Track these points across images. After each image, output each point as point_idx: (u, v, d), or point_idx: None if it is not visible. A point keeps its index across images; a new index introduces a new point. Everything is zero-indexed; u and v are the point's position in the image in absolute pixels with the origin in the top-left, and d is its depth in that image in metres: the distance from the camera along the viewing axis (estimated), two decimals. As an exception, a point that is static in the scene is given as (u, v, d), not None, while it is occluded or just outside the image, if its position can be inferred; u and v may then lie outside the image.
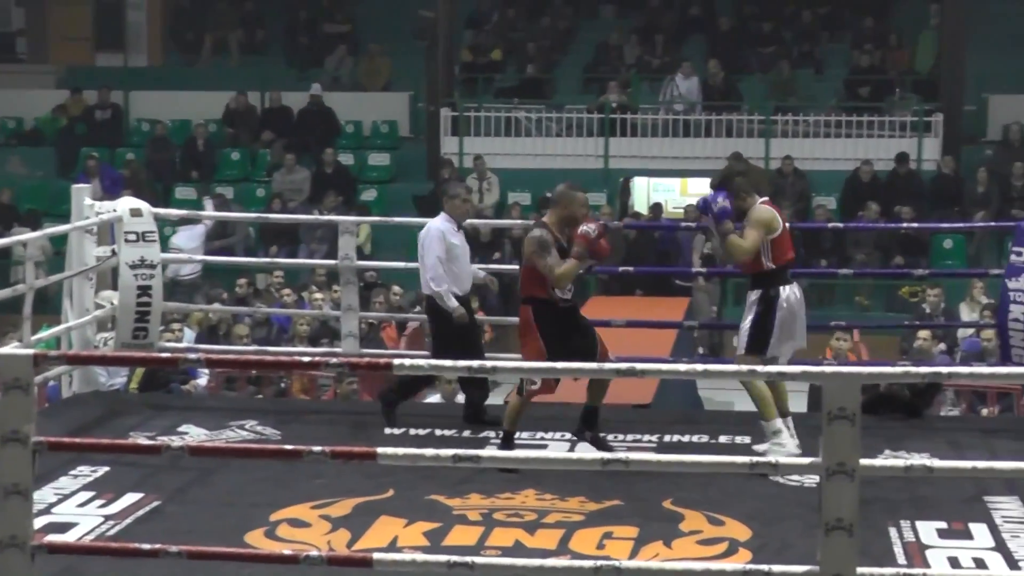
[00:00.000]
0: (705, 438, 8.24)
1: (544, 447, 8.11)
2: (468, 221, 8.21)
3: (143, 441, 7.76)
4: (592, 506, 6.95)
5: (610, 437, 8.17)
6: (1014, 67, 19.81)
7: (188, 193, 19.18)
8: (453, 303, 8.36)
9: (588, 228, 7.46)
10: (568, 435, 8.25)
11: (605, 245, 7.66)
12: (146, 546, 5.13)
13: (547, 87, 20.83)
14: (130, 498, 6.95)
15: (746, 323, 7.55)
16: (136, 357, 8.15)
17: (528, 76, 20.87)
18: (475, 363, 4.52)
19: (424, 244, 8.50)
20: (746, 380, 7.20)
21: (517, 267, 8.04)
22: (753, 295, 7.60)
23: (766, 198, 7.76)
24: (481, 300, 14.48)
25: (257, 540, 6.46)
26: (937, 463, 5.03)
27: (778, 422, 7.42)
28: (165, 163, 19.78)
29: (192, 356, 5.91)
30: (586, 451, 7.65)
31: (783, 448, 7.35)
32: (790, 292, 7.58)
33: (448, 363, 5.07)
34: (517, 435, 7.79)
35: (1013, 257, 8.80)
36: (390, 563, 4.81)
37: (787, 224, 7.80)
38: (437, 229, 8.49)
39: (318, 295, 14.04)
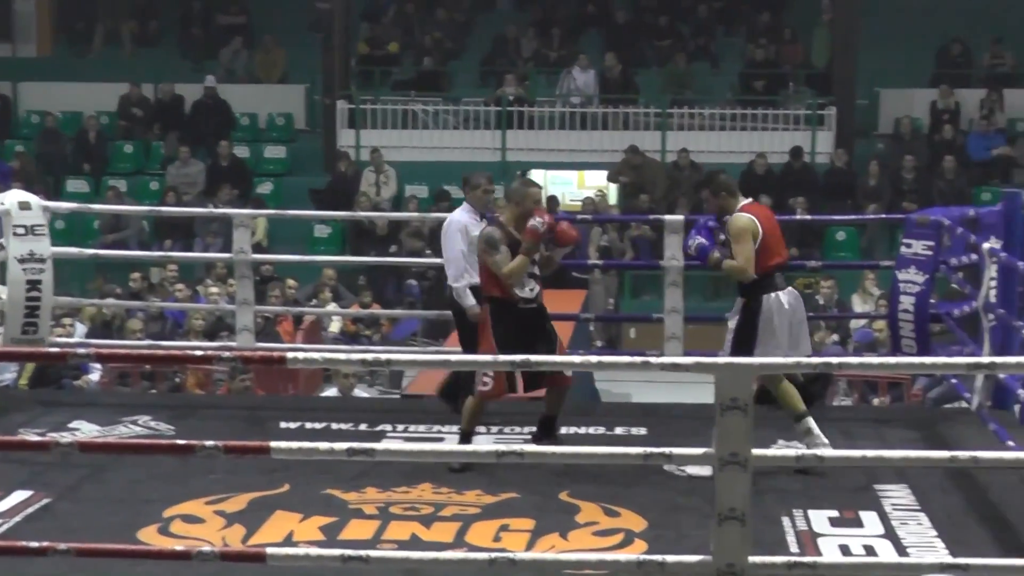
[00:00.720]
0: (602, 430, 8.27)
1: (440, 440, 8.11)
2: (365, 215, 8.21)
3: (32, 438, 7.64)
4: (488, 499, 6.96)
5: (506, 430, 8.20)
6: (905, 62, 20.11)
7: (80, 186, 18.90)
8: (470, 301, 7.96)
9: (536, 222, 7.30)
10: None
11: (569, 231, 7.55)
12: (34, 544, 5.05)
13: (444, 80, 20.80)
14: (19, 496, 6.85)
15: (729, 332, 7.41)
16: (25, 353, 8.03)
17: (425, 69, 20.83)
18: (369, 356, 4.49)
19: (445, 238, 8.14)
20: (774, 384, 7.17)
21: (417, 259, 7.99)
22: (738, 303, 7.43)
23: (749, 200, 7.47)
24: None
25: (150, 537, 6.39)
26: (828, 452, 5.10)
27: (806, 423, 7.19)
28: (56, 155, 19.47)
29: (82, 351, 5.81)
30: (483, 443, 7.65)
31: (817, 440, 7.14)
32: (775, 300, 7.33)
33: (343, 356, 5.04)
34: (415, 428, 7.77)
35: (903, 249, 8.94)
36: (284, 557, 4.78)
37: (774, 224, 7.50)
38: (458, 222, 8.10)
39: (213, 289, 13.91)
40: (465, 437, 7.48)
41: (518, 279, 7.37)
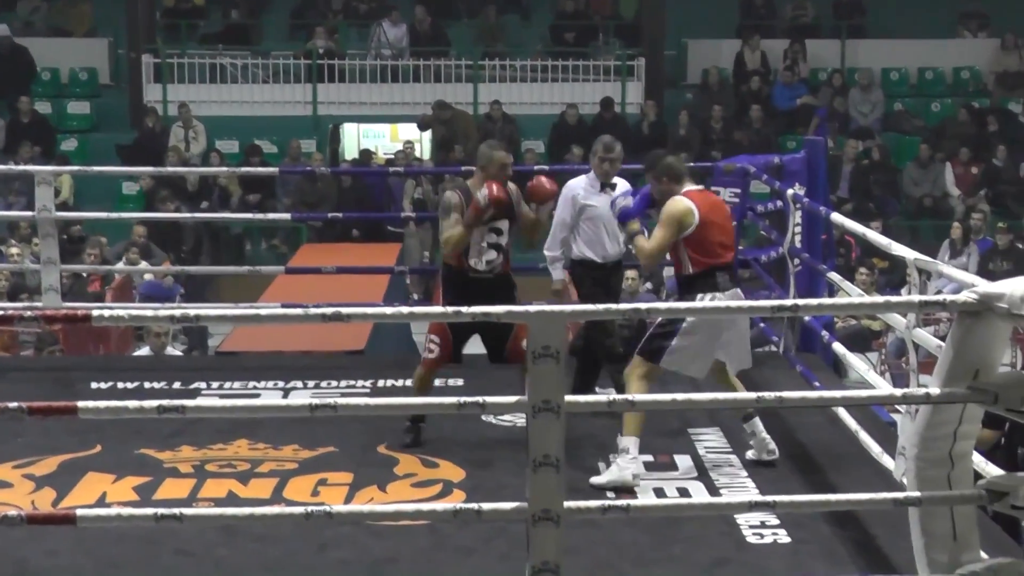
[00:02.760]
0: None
1: (256, 396, 8.04)
2: (174, 169, 8.04)
3: None
4: (306, 454, 6.94)
5: (323, 384, 8.17)
6: (710, 13, 20.42)
7: None
8: (558, 274, 7.56)
9: (481, 195, 6.79)
10: (280, 383, 8.20)
11: (541, 187, 7.05)
12: None
13: (253, 33, 20.49)
14: None
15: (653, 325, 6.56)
16: None
17: (233, 22, 20.50)
18: (178, 312, 4.42)
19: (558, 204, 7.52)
20: (627, 376, 6.52)
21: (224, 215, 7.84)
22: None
23: (697, 187, 6.63)
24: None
25: (-45, 503, 6.23)
26: (639, 397, 5.19)
27: (630, 441, 6.41)
28: None
29: None
30: (298, 398, 7.62)
31: (619, 471, 6.38)
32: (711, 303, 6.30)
33: (151, 312, 4.95)
34: (230, 385, 7.69)
35: (711, 197, 9.08)
36: (95, 518, 4.70)
37: (721, 216, 6.62)
38: (570, 189, 7.55)
39: (14, 249, 13.54)
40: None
41: (454, 248, 6.91)
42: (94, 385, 8.19)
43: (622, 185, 7.48)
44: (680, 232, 6.39)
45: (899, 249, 6.65)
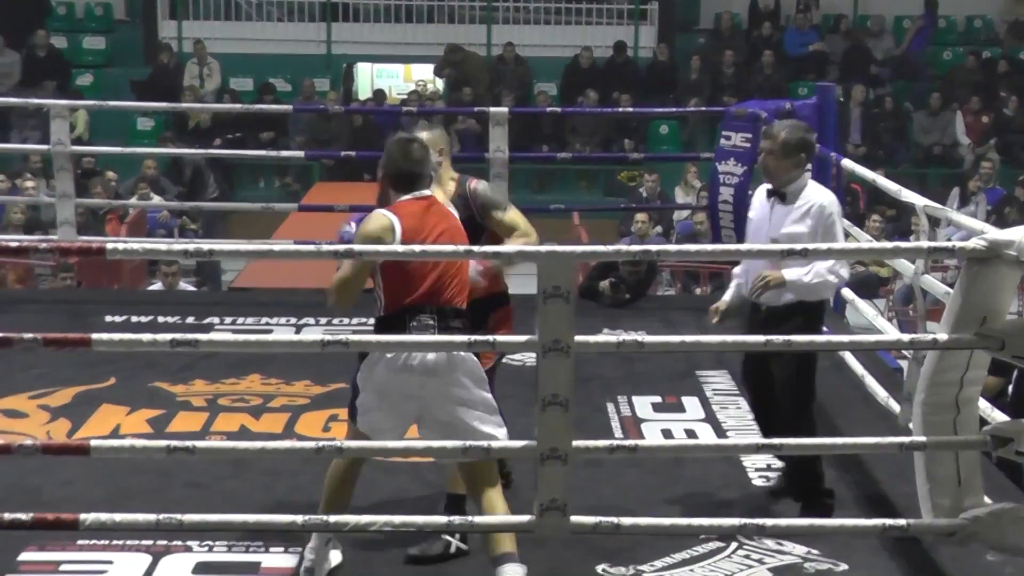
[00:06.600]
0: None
1: (269, 332, 8.06)
2: (188, 106, 7.84)
3: None
4: (317, 389, 6.96)
5: (335, 321, 8.19)
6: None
7: None
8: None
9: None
10: (293, 319, 8.21)
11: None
12: None
13: (268, -30, 20.38)
14: None
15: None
16: None
17: (248, -41, 20.38)
18: (191, 247, 4.41)
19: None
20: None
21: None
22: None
23: (418, 193, 4.83)
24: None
25: (-30, 432, 6.27)
26: (648, 338, 5.18)
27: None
28: None
29: None
30: (311, 334, 7.63)
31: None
32: (392, 362, 4.66)
33: (165, 247, 4.95)
34: (243, 321, 7.69)
35: (723, 141, 9.04)
36: (108, 450, 4.72)
37: (441, 234, 4.77)
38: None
39: (29, 183, 13.52)
40: None
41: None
42: (108, 318, 8.21)
43: None
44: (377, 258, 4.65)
45: (909, 196, 6.63)
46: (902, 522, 4.75)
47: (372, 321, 4.84)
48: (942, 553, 5.10)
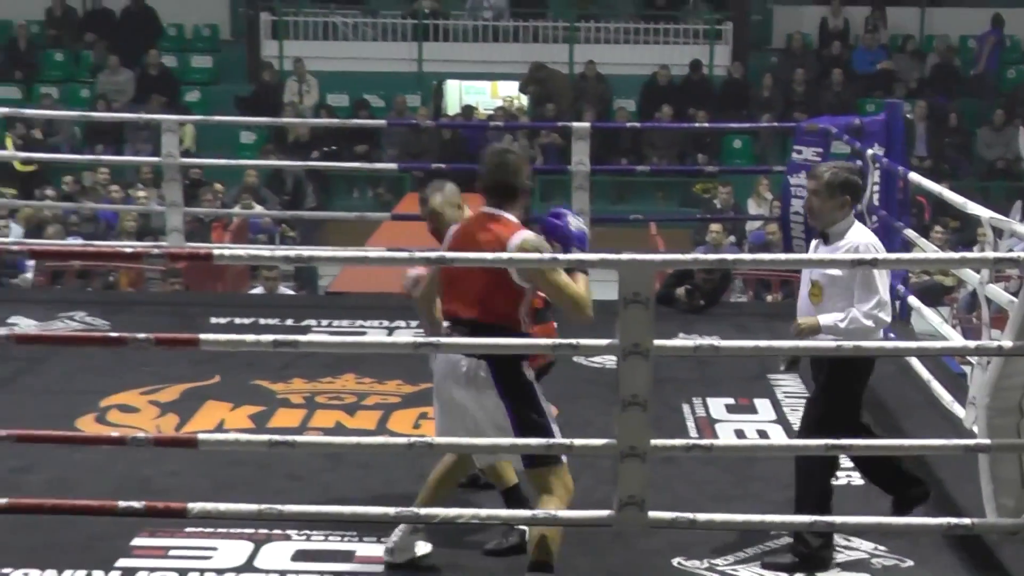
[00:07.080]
0: None
1: (363, 333, 8.10)
2: (287, 120, 7.77)
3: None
4: (408, 388, 6.98)
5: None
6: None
7: (11, 92, 18.47)
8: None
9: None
10: (385, 322, 8.25)
11: None
12: (-26, 432, 4.99)
13: (363, -7, 20.54)
14: (-41, 388, 6.78)
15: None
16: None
17: (345, -18, 20.53)
18: (292, 253, 4.44)
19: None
20: None
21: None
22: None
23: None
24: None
25: (87, 425, 6.36)
26: (723, 343, 5.16)
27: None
28: (-14, 63, 19.03)
29: (16, 247, 5.71)
30: (402, 336, 7.66)
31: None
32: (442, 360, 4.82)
33: (268, 252, 5.00)
34: (339, 323, 7.73)
35: (794, 155, 9.00)
36: (215, 443, 4.77)
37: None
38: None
39: (141, 193, 13.70)
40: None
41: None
42: (213, 320, 8.29)
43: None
44: None
45: (974, 208, 6.54)
46: (966, 521, 4.70)
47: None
48: (1005, 551, 5.03)
